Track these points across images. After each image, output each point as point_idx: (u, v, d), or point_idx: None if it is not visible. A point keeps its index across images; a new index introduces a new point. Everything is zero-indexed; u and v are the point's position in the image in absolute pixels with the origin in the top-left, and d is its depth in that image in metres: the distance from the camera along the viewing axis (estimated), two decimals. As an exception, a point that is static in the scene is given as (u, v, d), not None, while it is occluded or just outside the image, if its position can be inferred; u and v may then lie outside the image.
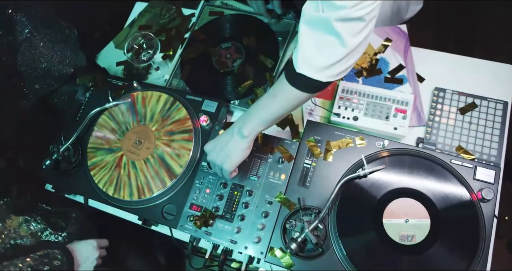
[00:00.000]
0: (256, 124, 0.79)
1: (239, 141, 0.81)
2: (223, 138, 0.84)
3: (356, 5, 0.61)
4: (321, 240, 0.82)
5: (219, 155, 0.83)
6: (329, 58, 0.67)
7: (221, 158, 0.83)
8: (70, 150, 1.03)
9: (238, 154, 0.82)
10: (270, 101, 0.78)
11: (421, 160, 0.85)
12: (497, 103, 0.96)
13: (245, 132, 0.80)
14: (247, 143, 0.81)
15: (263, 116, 0.79)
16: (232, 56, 1.13)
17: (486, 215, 0.79)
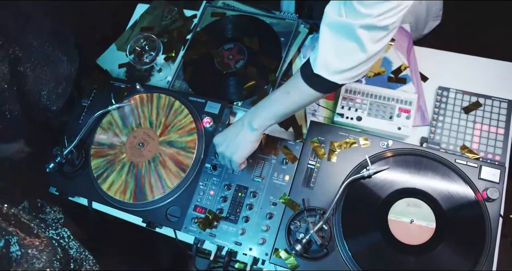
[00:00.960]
0: (266, 118, 0.81)
1: (249, 134, 0.82)
2: (233, 130, 0.85)
3: (382, 14, 0.61)
4: (326, 241, 0.81)
5: (229, 147, 0.84)
6: (348, 63, 0.68)
7: (231, 150, 0.84)
8: (73, 153, 1.03)
9: (247, 146, 0.83)
10: (283, 97, 0.79)
11: (426, 160, 0.85)
12: (502, 101, 0.95)
13: (255, 125, 0.81)
14: (257, 136, 0.83)
15: (274, 111, 0.80)
16: (235, 57, 1.13)
17: (492, 215, 0.79)
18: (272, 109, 0.80)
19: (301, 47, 1.13)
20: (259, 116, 0.81)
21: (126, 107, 1.08)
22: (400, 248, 0.79)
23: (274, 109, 0.80)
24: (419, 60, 1.04)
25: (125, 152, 1.03)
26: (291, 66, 1.12)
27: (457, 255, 0.77)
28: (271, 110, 0.80)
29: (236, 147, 0.83)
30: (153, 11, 1.32)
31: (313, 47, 1.12)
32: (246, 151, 0.84)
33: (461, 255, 0.77)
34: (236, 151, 0.83)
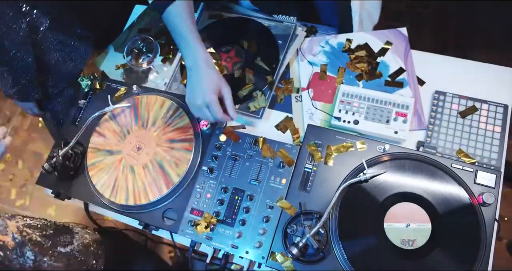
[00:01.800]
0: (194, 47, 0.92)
1: (200, 70, 0.91)
2: (189, 81, 0.92)
3: None
4: (322, 244, 0.82)
5: (195, 93, 0.91)
6: None
7: (200, 94, 0.90)
8: (70, 154, 1.02)
9: (207, 79, 0.90)
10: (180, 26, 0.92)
11: (422, 164, 0.85)
12: (498, 106, 0.96)
13: (192, 60, 0.92)
14: (206, 67, 0.91)
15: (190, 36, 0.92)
16: (232, 60, 1.13)
17: (487, 219, 0.79)
18: (195, 40, 0.92)
19: (298, 50, 1.13)
20: (199, 57, 0.90)
21: (123, 109, 1.07)
22: (396, 252, 0.79)
23: (195, 39, 0.92)
24: (416, 64, 1.04)
25: (121, 154, 1.02)
26: (289, 69, 1.12)
27: (452, 259, 0.77)
28: (196, 42, 0.92)
29: (201, 87, 0.89)
30: (151, 12, 1.32)
31: (310, 50, 1.12)
32: (212, 85, 0.90)
33: (457, 260, 0.77)
34: (203, 91, 0.89)
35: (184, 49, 0.93)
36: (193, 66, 0.92)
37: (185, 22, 0.92)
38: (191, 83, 0.92)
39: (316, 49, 1.12)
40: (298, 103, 1.08)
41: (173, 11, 0.92)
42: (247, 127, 1.06)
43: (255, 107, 1.05)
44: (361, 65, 1.06)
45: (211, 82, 0.90)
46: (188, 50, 0.92)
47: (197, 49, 0.92)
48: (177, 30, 0.93)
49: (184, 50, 0.93)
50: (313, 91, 1.07)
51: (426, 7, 1.89)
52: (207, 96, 0.89)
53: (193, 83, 0.92)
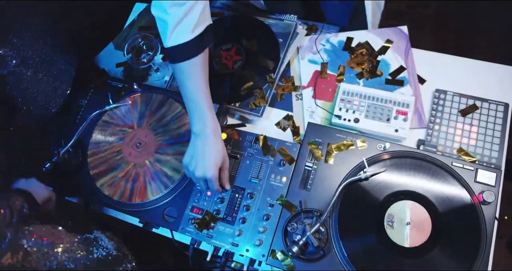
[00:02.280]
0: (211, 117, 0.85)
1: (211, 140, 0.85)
2: (196, 145, 0.85)
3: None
4: (322, 242, 0.82)
5: (198, 163, 0.84)
6: None
7: (201, 165, 0.84)
8: (70, 152, 1.02)
9: (216, 154, 0.85)
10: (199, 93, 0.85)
11: (423, 162, 0.85)
12: (498, 105, 0.96)
13: (211, 130, 0.84)
14: (219, 139, 0.86)
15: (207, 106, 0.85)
16: (233, 58, 1.13)
17: (487, 218, 0.79)
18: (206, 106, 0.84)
19: (299, 48, 1.13)
20: (208, 124, 0.84)
21: (123, 107, 1.07)
22: (396, 250, 0.79)
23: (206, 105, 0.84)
24: (416, 62, 1.04)
25: (122, 152, 1.02)
26: (289, 67, 1.12)
27: (452, 258, 0.77)
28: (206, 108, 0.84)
29: (205, 159, 0.84)
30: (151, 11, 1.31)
31: (311, 48, 1.12)
32: (217, 159, 0.84)
33: (457, 258, 0.77)
34: (207, 165, 0.83)
35: (193, 113, 0.86)
36: (201, 134, 0.85)
37: (199, 85, 0.84)
38: (194, 150, 0.85)
39: (316, 47, 1.12)
40: (298, 101, 1.08)
41: (187, 69, 0.83)
42: (247, 125, 1.06)
43: (255, 105, 1.05)
44: (361, 64, 1.06)
45: (216, 155, 0.85)
46: (197, 116, 0.85)
47: (207, 117, 0.85)
48: (188, 92, 0.85)
49: (193, 115, 0.86)
50: (313, 90, 1.07)
51: (426, 7, 1.89)
52: (210, 171, 0.84)
53: (197, 152, 0.85)
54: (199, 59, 0.82)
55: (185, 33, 0.78)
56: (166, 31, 0.79)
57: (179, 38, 0.79)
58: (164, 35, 0.80)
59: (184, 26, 0.78)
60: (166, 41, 0.80)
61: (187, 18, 0.77)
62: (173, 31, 0.78)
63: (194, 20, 0.78)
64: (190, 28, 0.78)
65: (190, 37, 0.79)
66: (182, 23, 0.77)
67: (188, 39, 0.79)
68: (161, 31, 0.80)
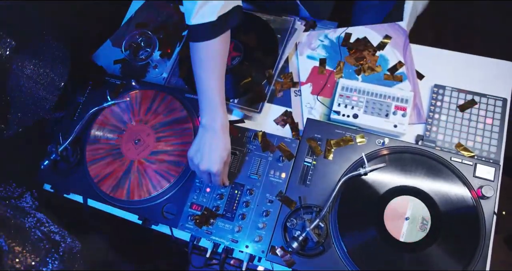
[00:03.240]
0: (223, 112, 0.85)
1: (221, 136, 0.85)
2: (204, 139, 0.85)
3: None
4: (322, 238, 0.82)
5: (204, 157, 0.84)
6: None
7: (207, 159, 0.83)
8: (68, 150, 1.02)
9: (222, 150, 0.84)
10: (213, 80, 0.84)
11: (422, 158, 0.85)
12: (496, 100, 0.96)
13: (220, 125, 0.84)
14: (228, 137, 0.86)
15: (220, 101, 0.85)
16: (231, 54, 1.12)
17: (486, 212, 0.79)
18: (218, 98, 0.84)
19: (297, 44, 1.12)
20: (217, 117, 0.84)
21: (122, 104, 1.07)
22: (395, 245, 0.79)
23: (219, 97, 0.84)
24: (415, 58, 1.04)
25: (121, 149, 1.02)
26: (288, 63, 1.11)
27: (452, 252, 0.78)
28: (218, 102, 0.84)
29: (213, 154, 0.83)
30: (148, 7, 1.31)
31: (309, 44, 1.11)
32: (224, 154, 0.84)
33: (456, 252, 0.78)
34: (214, 159, 0.83)
35: (204, 105, 0.85)
36: (209, 127, 0.84)
37: (214, 74, 0.83)
38: (201, 143, 0.85)
39: (315, 43, 1.11)
40: (297, 97, 1.07)
41: (205, 52, 0.82)
42: (246, 121, 1.06)
43: (254, 101, 1.04)
44: (360, 59, 1.06)
45: (223, 150, 0.84)
46: (207, 107, 0.85)
47: (218, 110, 0.84)
48: (202, 81, 0.84)
49: (204, 106, 0.85)
50: (312, 85, 1.07)
51: (425, 2, 1.88)
52: (216, 166, 0.84)
53: (204, 145, 0.84)
54: (218, 43, 0.82)
55: (210, 13, 0.78)
56: (193, 7, 0.77)
57: (205, 17, 0.78)
58: (191, 12, 0.78)
59: (212, 6, 0.77)
60: (191, 18, 0.79)
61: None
62: (200, 9, 0.77)
63: (221, 1, 0.78)
64: (217, 8, 0.78)
65: (214, 17, 0.78)
66: (210, 2, 0.77)
67: (213, 19, 0.78)
68: (188, 7, 0.79)
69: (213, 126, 0.84)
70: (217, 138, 0.84)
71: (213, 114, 0.84)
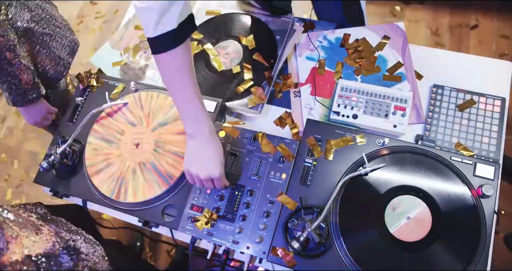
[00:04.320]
0: (206, 120, 0.83)
1: (211, 141, 0.84)
2: (194, 149, 0.84)
3: None
4: (323, 238, 0.82)
5: (201, 165, 0.83)
6: None
7: (206, 167, 0.83)
8: (68, 152, 1.01)
9: (217, 154, 0.84)
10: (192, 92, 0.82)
11: (422, 157, 0.85)
12: (495, 99, 0.96)
13: (208, 132, 0.83)
14: (218, 141, 0.85)
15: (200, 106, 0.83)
16: (230, 55, 1.13)
17: (487, 211, 0.80)
18: (199, 103, 0.82)
19: (296, 45, 1.13)
20: (202, 123, 0.83)
21: (121, 106, 1.07)
22: (397, 245, 0.79)
23: (199, 102, 0.82)
24: (414, 58, 1.04)
25: (120, 151, 1.02)
26: (287, 64, 1.12)
27: (453, 251, 0.78)
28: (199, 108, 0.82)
29: (209, 160, 0.83)
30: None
31: (308, 45, 1.12)
32: (220, 157, 0.84)
33: (457, 251, 0.78)
34: (212, 165, 0.83)
35: (187, 115, 0.83)
36: (198, 135, 0.83)
37: (187, 80, 0.81)
38: (194, 153, 0.84)
39: (314, 44, 1.12)
40: (296, 98, 1.08)
41: (173, 61, 0.80)
42: (246, 122, 1.06)
43: (253, 103, 1.05)
44: (359, 60, 1.06)
45: (220, 153, 0.84)
46: (190, 115, 0.83)
47: (203, 117, 0.83)
48: (177, 89, 0.83)
49: (187, 116, 0.83)
50: (311, 86, 1.07)
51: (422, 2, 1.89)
52: (218, 170, 0.83)
53: (197, 154, 0.83)
54: (184, 49, 0.81)
55: (170, 21, 0.77)
56: (152, 19, 0.76)
57: (165, 26, 0.77)
58: (149, 25, 0.77)
59: (171, 14, 0.77)
60: (151, 31, 0.78)
61: (174, 5, 0.76)
62: (160, 20, 0.76)
63: (180, 8, 0.77)
64: (176, 16, 0.77)
65: (175, 25, 0.78)
66: (169, 11, 0.76)
67: (174, 27, 0.77)
68: (146, 20, 0.77)
69: (202, 133, 0.83)
70: (209, 143, 0.83)
71: (197, 122, 0.83)
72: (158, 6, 0.75)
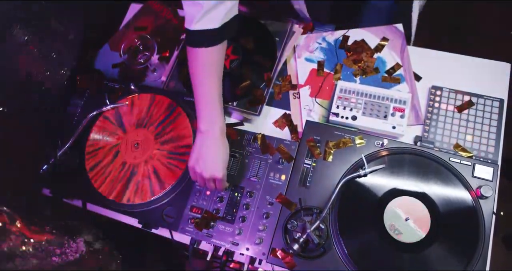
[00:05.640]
0: (218, 115, 0.85)
1: (219, 139, 0.84)
2: (201, 146, 0.84)
3: None
4: (323, 239, 0.82)
5: (206, 164, 0.83)
6: None
7: (209, 166, 0.83)
8: (67, 154, 1.02)
9: (223, 153, 0.85)
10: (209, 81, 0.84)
11: (420, 158, 0.86)
12: (494, 100, 0.97)
13: (219, 128, 0.84)
14: (225, 139, 0.86)
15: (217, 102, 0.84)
16: (229, 57, 1.13)
17: (485, 212, 0.80)
18: (218, 103, 0.84)
19: (295, 46, 1.13)
20: (216, 123, 0.84)
21: (121, 107, 1.07)
22: (395, 246, 0.80)
23: (218, 102, 0.84)
24: (412, 59, 1.05)
25: (120, 152, 1.02)
26: (286, 66, 1.12)
27: (452, 252, 0.78)
28: (219, 107, 0.84)
29: (216, 160, 0.83)
30: (147, 11, 1.31)
31: (307, 47, 1.12)
32: (226, 158, 0.85)
33: (456, 252, 0.78)
34: (218, 165, 0.83)
35: (205, 111, 0.84)
36: (210, 133, 0.84)
37: (213, 79, 0.83)
38: (202, 151, 0.84)
39: (313, 46, 1.12)
40: (296, 99, 1.08)
41: (206, 58, 0.82)
42: (245, 124, 1.06)
43: (253, 104, 1.05)
44: (358, 61, 1.06)
45: (226, 154, 0.85)
46: (207, 112, 0.84)
47: (220, 116, 0.85)
48: (201, 85, 0.84)
49: (203, 111, 0.84)
50: (310, 88, 1.07)
51: (420, 4, 1.89)
52: (221, 171, 0.84)
53: (206, 152, 0.83)
54: (218, 50, 0.82)
55: (215, 20, 0.78)
56: (198, 13, 0.77)
57: (208, 23, 0.78)
58: (193, 18, 0.78)
59: (217, 13, 0.78)
60: (193, 24, 0.78)
61: (222, 5, 0.77)
62: (205, 15, 0.77)
63: (227, 9, 0.78)
64: (222, 15, 0.78)
65: (218, 24, 0.78)
66: (216, 9, 0.77)
67: (216, 26, 0.78)
68: (191, 12, 0.78)
69: (213, 131, 0.83)
70: (218, 143, 0.84)
71: (213, 120, 0.84)
72: (205, 3, 0.75)
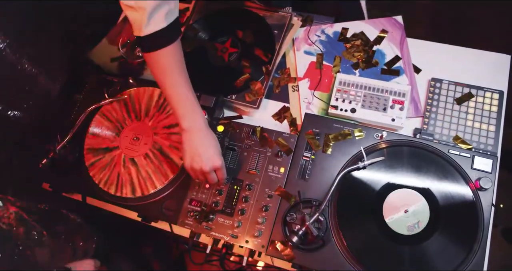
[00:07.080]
0: (196, 108, 0.85)
1: (206, 132, 0.85)
2: (190, 143, 0.84)
3: None
4: (321, 232, 0.82)
5: (203, 157, 0.83)
6: None
7: (206, 158, 0.83)
8: (66, 148, 1.02)
9: (214, 143, 0.85)
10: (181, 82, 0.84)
11: (420, 150, 0.86)
12: (493, 92, 0.96)
13: (200, 123, 0.85)
14: (210, 131, 0.87)
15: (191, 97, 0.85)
16: (228, 50, 1.12)
17: (484, 204, 0.80)
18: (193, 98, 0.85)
19: (294, 39, 1.12)
20: (198, 116, 0.84)
21: (119, 101, 1.07)
22: (395, 238, 0.80)
23: (193, 97, 0.85)
24: (412, 52, 1.04)
25: (119, 146, 1.02)
26: (285, 58, 1.11)
27: (450, 244, 0.78)
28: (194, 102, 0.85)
29: (209, 152, 0.83)
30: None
31: (306, 40, 1.12)
32: (218, 147, 0.85)
33: (455, 244, 0.78)
34: (213, 156, 0.83)
35: (183, 110, 0.84)
36: (194, 128, 0.84)
37: (181, 76, 0.83)
38: (193, 147, 0.84)
39: (312, 39, 1.11)
40: (294, 92, 1.07)
41: (166, 59, 0.81)
42: (244, 117, 1.06)
43: (252, 97, 1.05)
44: (357, 54, 1.06)
45: (216, 142, 0.86)
46: (189, 111, 0.84)
47: (198, 110, 0.85)
48: (171, 86, 0.83)
49: (183, 111, 0.84)
50: (309, 81, 1.07)
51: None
52: (219, 159, 0.84)
53: (197, 146, 0.83)
54: (175, 47, 0.82)
55: (162, 19, 0.78)
56: (143, 17, 0.77)
57: (157, 24, 0.78)
58: (141, 23, 0.78)
59: (162, 12, 0.77)
60: (143, 29, 0.78)
61: (164, 5, 0.77)
62: (151, 17, 0.76)
63: (170, 7, 0.78)
64: (166, 14, 0.78)
65: (166, 23, 0.78)
66: (160, 9, 0.77)
67: (165, 25, 0.78)
68: (136, 18, 0.78)
69: (197, 125, 0.84)
70: (206, 134, 0.85)
71: (194, 115, 0.84)
72: (147, 5, 0.75)
